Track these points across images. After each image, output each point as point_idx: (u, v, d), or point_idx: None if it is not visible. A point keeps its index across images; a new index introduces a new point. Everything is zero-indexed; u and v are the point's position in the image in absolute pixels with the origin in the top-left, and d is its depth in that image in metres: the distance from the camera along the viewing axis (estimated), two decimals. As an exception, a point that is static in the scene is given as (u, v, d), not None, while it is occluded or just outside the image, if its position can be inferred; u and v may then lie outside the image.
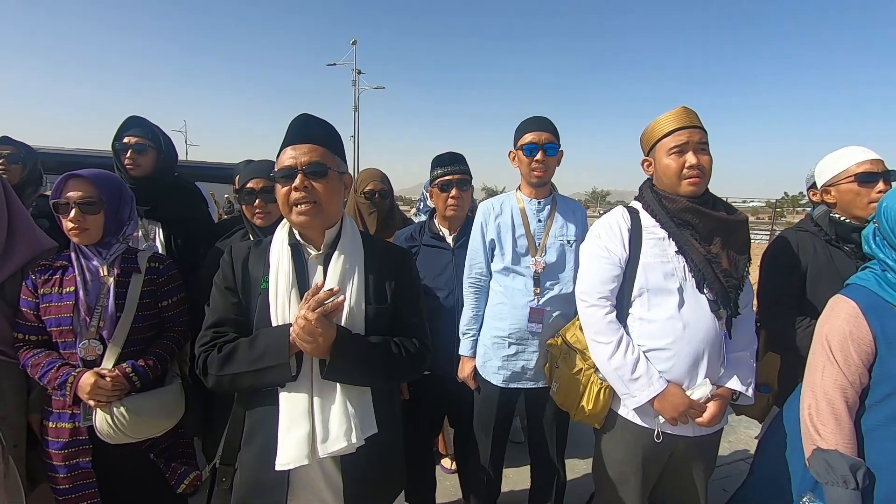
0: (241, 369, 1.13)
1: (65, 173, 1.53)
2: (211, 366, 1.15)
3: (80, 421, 1.51)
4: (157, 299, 1.64)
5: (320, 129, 1.22)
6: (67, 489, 1.53)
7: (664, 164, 1.51)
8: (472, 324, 1.98)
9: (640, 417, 1.52)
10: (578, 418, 1.64)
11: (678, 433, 1.50)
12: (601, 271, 1.55)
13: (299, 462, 1.10)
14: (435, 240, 2.15)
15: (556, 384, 1.70)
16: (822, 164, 1.74)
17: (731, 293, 1.46)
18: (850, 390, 1.25)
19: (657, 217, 1.53)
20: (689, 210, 1.48)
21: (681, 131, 1.48)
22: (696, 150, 1.47)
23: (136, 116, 2.16)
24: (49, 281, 1.52)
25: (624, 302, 1.54)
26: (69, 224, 1.50)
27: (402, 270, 1.29)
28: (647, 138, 1.58)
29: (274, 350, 1.11)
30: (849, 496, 1.17)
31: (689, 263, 1.48)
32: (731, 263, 1.47)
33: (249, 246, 1.29)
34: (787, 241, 1.77)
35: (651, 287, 1.49)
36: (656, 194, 1.56)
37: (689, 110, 1.52)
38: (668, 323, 1.46)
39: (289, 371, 1.11)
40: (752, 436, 3.41)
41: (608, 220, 1.62)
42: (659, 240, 1.52)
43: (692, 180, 1.47)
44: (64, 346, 1.52)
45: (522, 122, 1.94)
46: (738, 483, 2.74)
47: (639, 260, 1.51)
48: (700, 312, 1.46)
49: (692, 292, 1.47)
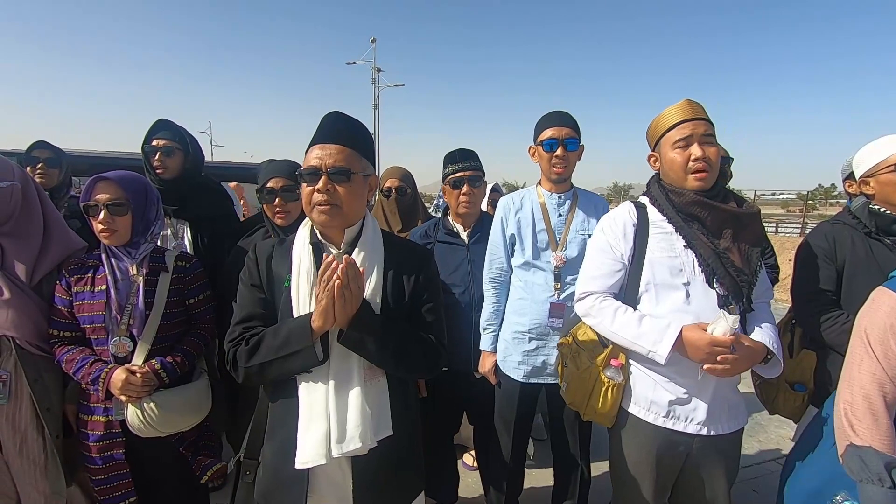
0: (268, 357, 1.14)
1: (93, 176, 1.58)
2: (240, 359, 1.17)
3: (112, 415, 1.57)
4: (184, 297, 1.68)
5: (349, 128, 1.22)
6: (103, 479, 1.59)
7: (669, 157, 1.48)
8: (492, 319, 1.98)
9: (651, 415, 1.48)
10: (589, 417, 1.61)
11: (692, 431, 1.45)
12: (601, 266, 1.55)
13: (317, 461, 1.11)
14: (449, 236, 2.15)
15: (565, 383, 1.69)
16: (860, 153, 1.67)
17: (744, 287, 1.41)
18: (889, 385, 1.19)
19: (664, 211, 1.50)
20: (696, 203, 1.44)
21: (685, 124, 1.44)
22: (702, 142, 1.43)
23: (164, 119, 2.22)
24: (82, 279, 1.58)
25: (630, 298, 1.51)
26: (99, 226, 1.55)
27: (421, 269, 1.29)
28: (652, 133, 1.56)
29: (297, 335, 1.12)
30: (884, 495, 1.12)
31: (697, 258, 1.44)
32: (744, 257, 1.42)
33: (273, 244, 1.30)
34: (824, 235, 1.70)
35: (658, 282, 1.46)
36: (663, 189, 1.53)
37: (692, 102, 1.48)
38: (675, 318, 1.42)
39: (314, 354, 1.12)
40: (784, 435, 3.31)
41: (613, 215, 1.60)
42: (666, 234, 1.49)
43: (699, 175, 1.43)
44: (96, 343, 1.57)
45: (542, 118, 1.92)
46: (769, 484, 2.66)
47: (644, 255, 1.49)
48: (709, 308, 1.42)
49: (701, 287, 1.43)
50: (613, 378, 1.52)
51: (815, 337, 1.65)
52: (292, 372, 1.16)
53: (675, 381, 1.45)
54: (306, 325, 1.12)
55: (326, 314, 1.09)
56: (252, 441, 1.27)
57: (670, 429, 1.47)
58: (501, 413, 2.01)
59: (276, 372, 1.16)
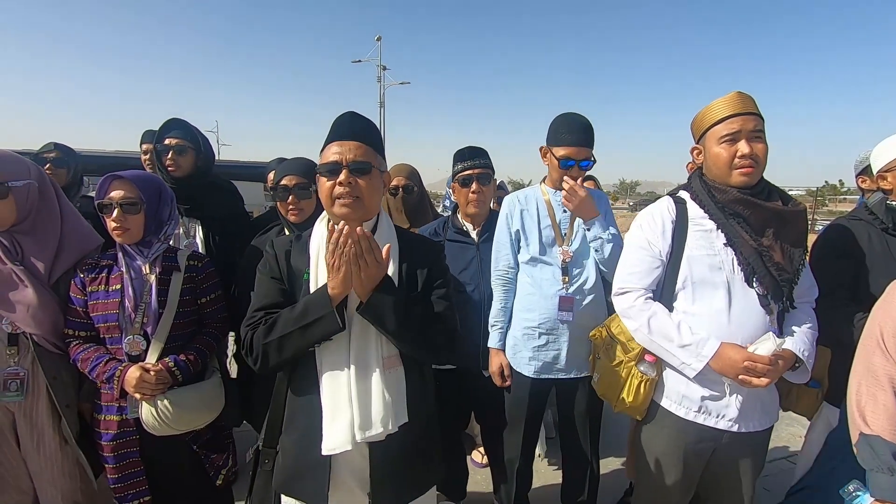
0: (287, 329, 1.14)
1: (107, 174, 1.59)
2: (258, 338, 1.18)
3: (127, 413, 1.58)
4: (197, 296, 1.69)
5: (365, 127, 1.26)
6: (118, 477, 1.60)
7: (714, 152, 1.44)
8: (500, 316, 1.98)
9: (682, 410, 1.48)
10: (619, 409, 1.61)
11: (723, 427, 1.45)
12: (639, 262, 1.53)
13: (344, 447, 1.14)
14: (459, 235, 2.15)
15: (597, 374, 1.69)
16: (878, 148, 1.64)
17: (785, 287, 1.39)
18: None
19: (705, 208, 1.48)
20: (739, 201, 1.42)
21: (734, 118, 1.40)
22: (750, 139, 1.39)
23: (176, 119, 2.23)
24: (96, 279, 1.59)
25: (667, 294, 1.50)
26: (112, 224, 1.56)
27: (433, 261, 1.33)
28: (698, 125, 1.51)
29: (316, 303, 1.14)
30: (893, 483, 1.12)
31: (737, 256, 1.42)
32: (786, 256, 1.40)
33: (291, 240, 1.33)
34: (840, 230, 1.69)
35: (696, 279, 1.44)
36: (705, 184, 1.50)
37: (744, 95, 1.43)
38: (713, 317, 1.41)
39: (335, 320, 1.12)
40: (794, 433, 3.29)
41: (652, 210, 1.58)
42: (706, 231, 1.47)
43: (744, 170, 1.40)
44: (111, 342, 1.59)
45: (561, 122, 1.87)
46: (780, 482, 2.64)
47: (683, 252, 1.47)
48: (748, 307, 1.41)
49: (740, 286, 1.42)
50: (647, 373, 1.51)
51: (831, 333, 1.64)
52: (312, 342, 1.16)
53: (710, 377, 1.43)
54: (324, 294, 1.14)
55: (345, 280, 1.11)
56: (270, 430, 1.29)
57: (701, 424, 1.46)
58: (512, 410, 2.01)
59: (297, 344, 1.16)
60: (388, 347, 1.22)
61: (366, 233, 1.09)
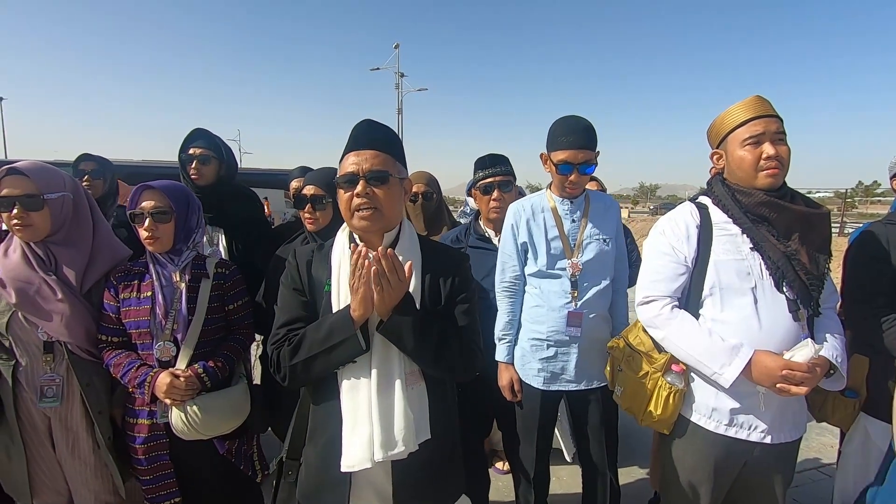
0: (313, 352, 1.15)
1: (139, 184, 1.63)
2: (283, 359, 1.19)
3: (157, 418, 1.62)
4: (224, 303, 1.73)
5: (383, 134, 1.24)
6: (149, 479, 1.65)
7: (738, 156, 1.42)
8: (507, 329, 1.93)
9: (713, 423, 1.44)
10: (646, 423, 1.57)
11: (755, 439, 1.41)
12: (663, 269, 1.50)
13: (363, 465, 1.12)
14: (481, 241, 2.13)
15: (619, 388, 1.65)
16: None
17: (814, 291, 1.36)
18: None
19: (730, 212, 1.45)
20: (765, 204, 1.39)
21: (756, 121, 1.39)
22: (774, 141, 1.38)
23: (199, 129, 2.28)
24: (128, 286, 1.64)
25: (693, 302, 1.47)
26: (144, 233, 1.60)
27: (457, 271, 1.29)
28: (717, 130, 1.50)
29: (339, 326, 1.14)
30: None
31: (765, 261, 1.39)
32: (812, 260, 1.37)
33: (312, 250, 1.33)
34: (875, 235, 1.64)
35: (724, 286, 1.41)
36: (729, 188, 1.47)
37: (763, 99, 1.43)
38: (742, 324, 1.38)
39: (358, 343, 1.13)
40: (825, 443, 3.18)
41: (674, 216, 1.55)
42: (731, 236, 1.44)
43: (771, 171, 1.38)
44: (142, 348, 1.63)
45: (558, 125, 1.79)
46: (811, 493, 2.55)
47: (709, 258, 1.44)
48: (778, 312, 1.37)
49: (770, 291, 1.39)
50: (675, 384, 1.47)
51: (869, 341, 1.58)
52: (337, 364, 1.17)
53: (740, 389, 1.39)
54: (347, 316, 1.14)
55: (365, 302, 1.11)
56: (294, 441, 1.29)
57: (732, 437, 1.43)
58: (524, 422, 1.97)
59: (321, 366, 1.17)
60: (410, 363, 1.20)
61: (387, 252, 1.08)
